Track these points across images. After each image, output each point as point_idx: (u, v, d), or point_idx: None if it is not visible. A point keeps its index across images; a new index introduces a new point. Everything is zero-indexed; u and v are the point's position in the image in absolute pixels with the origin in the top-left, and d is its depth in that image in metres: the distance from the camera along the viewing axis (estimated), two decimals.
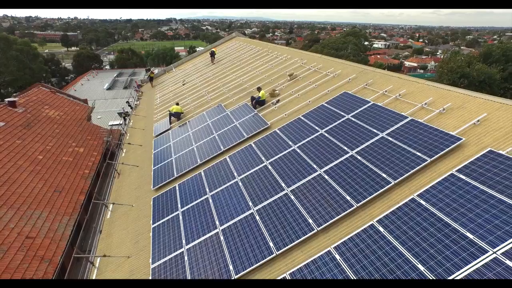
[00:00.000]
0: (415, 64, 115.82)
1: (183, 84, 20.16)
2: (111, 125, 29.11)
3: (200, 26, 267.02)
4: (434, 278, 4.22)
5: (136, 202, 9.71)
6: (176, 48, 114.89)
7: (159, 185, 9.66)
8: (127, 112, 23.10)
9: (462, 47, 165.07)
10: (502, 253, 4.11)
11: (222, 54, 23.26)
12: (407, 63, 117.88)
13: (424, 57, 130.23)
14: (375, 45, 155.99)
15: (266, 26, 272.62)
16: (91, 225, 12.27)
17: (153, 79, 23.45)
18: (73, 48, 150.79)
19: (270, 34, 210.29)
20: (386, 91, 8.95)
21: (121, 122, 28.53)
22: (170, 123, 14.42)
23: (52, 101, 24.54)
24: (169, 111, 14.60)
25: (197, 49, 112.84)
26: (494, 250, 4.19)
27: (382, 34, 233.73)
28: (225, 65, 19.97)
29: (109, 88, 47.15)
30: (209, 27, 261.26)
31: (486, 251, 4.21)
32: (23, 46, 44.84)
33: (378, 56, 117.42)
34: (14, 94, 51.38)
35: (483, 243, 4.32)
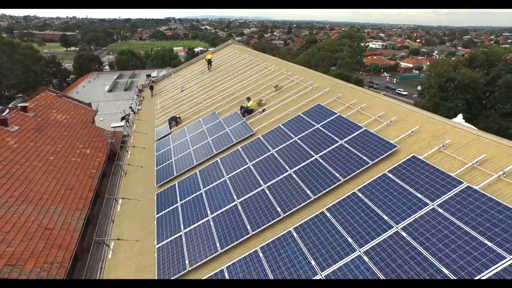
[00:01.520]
0: (411, 65, 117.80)
1: (182, 91, 21.91)
2: (113, 127, 30.81)
3: (198, 25, 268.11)
4: (357, 246, 6.03)
5: (142, 197, 11.50)
6: (175, 48, 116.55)
7: (161, 183, 11.47)
8: (128, 114, 24.81)
9: (458, 47, 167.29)
10: (402, 228, 5.93)
11: (218, 62, 25.02)
12: (402, 64, 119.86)
13: (420, 57, 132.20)
14: (372, 46, 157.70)
15: (264, 25, 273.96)
16: (104, 217, 14.04)
17: (153, 88, 24.89)
18: (72, 48, 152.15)
19: (269, 34, 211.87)
20: (351, 104, 10.74)
21: (122, 124, 30.25)
22: (170, 128, 16.18)
23: (59, 105, 26.20)
24: (168, 120, 16.41)
25: (196, 49, 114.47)
26: (397, 226, 6.01)
27: (380, 34, 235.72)
28: (220, 73, 21.74)
29: (110, 90, 48.58)
30: (208, 27, 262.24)
31: (392, 227, 6.03)
32: (26, 50, 46.42)
33: (375, 57, 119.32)
34: (17, 95, 52.98)
35: (392, 221, 6.13)
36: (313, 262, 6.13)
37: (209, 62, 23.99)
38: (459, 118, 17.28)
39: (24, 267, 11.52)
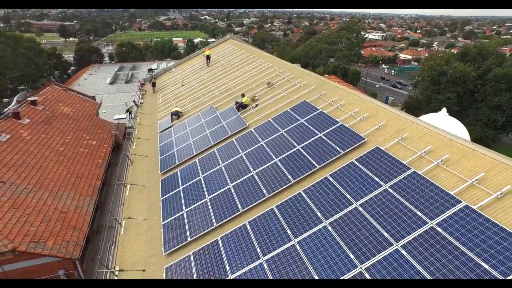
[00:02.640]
0: (410, 57, 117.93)
1: (182, 85, 23.19)
2: (116, 119, 32.16)
3: (198, 15, 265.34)
4: (324, 219, 7.54)
5: (148, 183, 13.02)
6: (174, 39, 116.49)
7: (165, 170, 12.97)
8: (131, 106, 26.18)
9: (459, 38, 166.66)
10: (359, 204, 7.44)
11: (217, 57, 26.18)
12: (401, 56, 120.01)
13: (419, 49, 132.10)
14: (371, 37, 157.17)
15: (264, 16, 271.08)
16: (116, 200, 15.66)
17: (155, 85, 25.88)
18: (71, 39, 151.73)
19: (269, 24, 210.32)
20: (332, 101, 12.13)
21: (125, 116, 31.57)
22: (172, 121, 17.58)
23: (65, 98, 27.52)
24: (171, 114, 17.80)
25: (195, 40, 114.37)
26: (356, 202, 7.52)
27: (381, 25, 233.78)
28: (218, 69, 22.99)
29: (111, 83, 49.62)
30: (207, 17, 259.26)
31: (352, 203, 7.54)
32: (29, 43, 47.26)
33: (374, 49, 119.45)
34: (20, 87, 53.83)
35: (352, 199, 7.64)
36: (289, 232, 7.66)
37: (208, 58, 25.16)
38: (443, 111, 18.74)
39: (46, 244, 13.19)
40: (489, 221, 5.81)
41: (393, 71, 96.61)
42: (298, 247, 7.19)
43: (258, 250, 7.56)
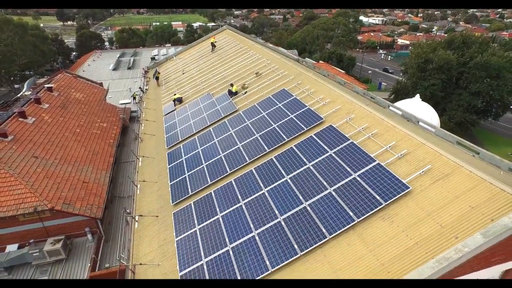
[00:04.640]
0: (408, 42, 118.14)
1: (183, 73, 25.80)
2: (121, 103, 34.86)
3: None
4: (286, 175, 10.55)
5: (156, 156, 16.02)
6: (173, 23, 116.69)
7: (170, 145, 15.96)
8: (135, 92, 28.92)
9: (460, 23, 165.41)
10: (311, 165, 10.43)
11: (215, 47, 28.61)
12: (400, 41, 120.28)
13: (418, 34, 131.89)
14: (371, 21, 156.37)
15: None
16: (131, 168, 18.73)
17: (159, 78, 28.06)
18: (69, 23, 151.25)
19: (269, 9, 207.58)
20: (305, 89, 14.91)
21: (130, 101, 34.26)
22: (175, 105, 20.39)
23: (76, 85, 30.18)
24: (173, 100, 20.58)
25: (195, 25, 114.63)
26: (309, 163, 10.51)
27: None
28: (214, 59, 25.54)
29: (114, 69, 51.77)
30: None
31: (306, 164, 10.53)
32: (35, 31, 49.17)
33: (372, 34, 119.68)
34: (27, 72, 56.01)
35: (307, 161, 10.63)
36: (261, 184, 10.71)
37: (213, 45, 27.72)
38: (417, 97, 21.56)
39: (75, 206, 16.39)
40: (388, 172, 8.82)
41: (389, 56, 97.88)
42: (266, 194, 10.25)
43: (240, 197, 10.64)
